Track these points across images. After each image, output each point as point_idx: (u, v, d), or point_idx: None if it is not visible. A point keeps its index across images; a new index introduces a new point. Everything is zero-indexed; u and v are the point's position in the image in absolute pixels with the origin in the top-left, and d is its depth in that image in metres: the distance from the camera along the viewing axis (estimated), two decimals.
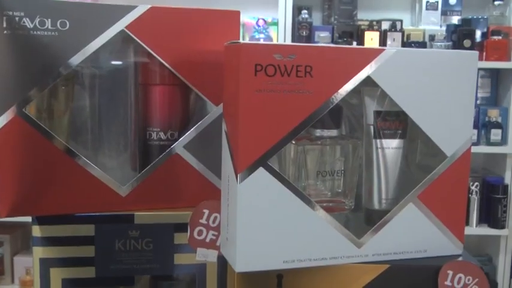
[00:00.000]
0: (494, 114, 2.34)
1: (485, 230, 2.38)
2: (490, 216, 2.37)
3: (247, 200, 0.61)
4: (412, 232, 0.68)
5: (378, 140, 0.69)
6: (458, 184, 0.70)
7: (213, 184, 0.74)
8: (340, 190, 0.70)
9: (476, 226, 2.36)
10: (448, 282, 0.67)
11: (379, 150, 0.69)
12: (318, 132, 0.67)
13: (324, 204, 0.67)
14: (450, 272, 0.67)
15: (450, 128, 0.68)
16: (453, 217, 0.70)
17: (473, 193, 2.33)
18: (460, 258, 0.70)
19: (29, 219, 0.71)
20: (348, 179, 0.69)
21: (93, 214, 0.70)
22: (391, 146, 0.69)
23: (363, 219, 0.72)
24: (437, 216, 0.69)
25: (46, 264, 0.70)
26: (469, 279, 0.67)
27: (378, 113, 0.69)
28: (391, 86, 0.65)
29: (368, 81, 0.65)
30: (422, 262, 0.69)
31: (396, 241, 0.68)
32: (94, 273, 0.71)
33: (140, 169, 0.73)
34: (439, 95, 0.67)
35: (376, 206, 0.70)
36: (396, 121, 0.69)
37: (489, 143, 2.32)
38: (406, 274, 0.67)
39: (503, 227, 2.36)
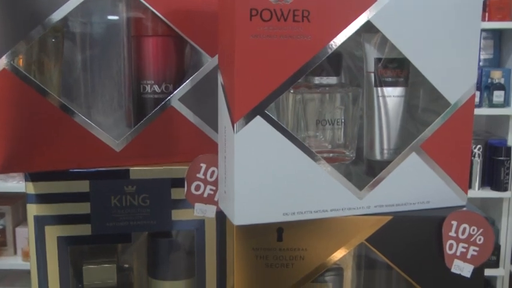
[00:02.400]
0: (497, 75, 2.30)
1: (488, 193, 2.37)
2: (492, 178, 2.36)
3: (245, 151, 0.60)
4: (415, 183, 0.67)
5: (379, 88, 0.67)
6: (462, 132, 0.68)
7: (209, 138, 0.72)
8: (340, 142, 0.68)
9: (478, 189, 2.35)
10: (452, 233, 0.65)
11: (381, 99, 0.67)
12: (317, 80, 0.65)
13: (325, 155, 0.65)
14: (454, 223, 0.65)
15: (453, 75, 0.66)
16: (457, 167, 0.68)
17: (476, 156, 2.31)
18: (465, 209, 0.68)
19: None
20: (349, 129, 0.67)
21: (88, 170, 0.69)
22: (392, 94, 0.67)
23: (364, 170, 0.70)
24: (441, 166, 0.67)
25: (41, 222, 0.69)
26: (473, 230, 0.66)
27: (378, 60, 0.66)
28: (392, 31, 0.63)
29: (368, 27, 0.62)
30: (425, 213, 0.67)
31: (399, 192, 0.66)
32: (90, 231, 0.70)
33: (135, 123, 0.71)
34: (442, 40, 0.64)
35: (378, 156, 0.68)
36: (398, 68, 0.67)
37: (492, 104, 2.30)
38: (409, 226, 0.66)
39: (506, 190, 2.35)
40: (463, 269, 0.66)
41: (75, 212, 0.69)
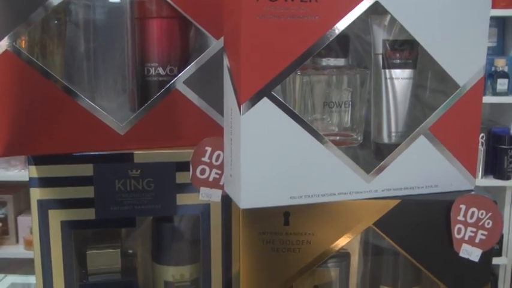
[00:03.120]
0: (501, 63, 2.29)
1: (491, 181, 2.36)
2: (495, 167, 2.35)
3: (252, 133, 0.59)
4: (423, 166, 0.66)
5: (387, 70, 0.66)
6: (471, 115, 0.67)
7: (215, 121, 0.71)
8: (348, 125, 0.67)
9: (482, 177, 2.34)
10: (460, 217, 0.64)
11: (388, 81, 0.66)
12: (324, 62, 0.64)
13: (332, 138, 0.64)
14: (463, 207, 0.64)
15: (463, 57, 0.65)
16: (465, 150, 0.67)
17: (479, 144, 2.30)
18: (473, 193, 0.67)
19: None
20: (356, 112, 0.66)
21: (91, 153, 0.68)
22: (400, 77, 0.66)
23: (372, 154, 0.70)
24: (449, 150, 0.66)
25: (44, 206, 0.68)
26: (482, 214, 0.65)
27: (386, 42, 0.65)
28: (401, 12, 0.62)
29: (376, 8, 0.61)
30: (433, 197, 0.66)
31: (407, 176, 0.65)
32: (94, 215, 0.69)
33: (139, 107, 0.70)
34: (451, 21, 0.63)
35: (386, 139, 0.68)
36: (406, 50, 0.66)
37: (495, 93, 2.28)
38: (417, 209, 0.65)
39: (508, 178, 2.34)
40: (471, 253, 0.65)
41: (78, 196, 0.68)
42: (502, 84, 2.27)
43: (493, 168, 2.36)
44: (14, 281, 1.13)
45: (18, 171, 2.45)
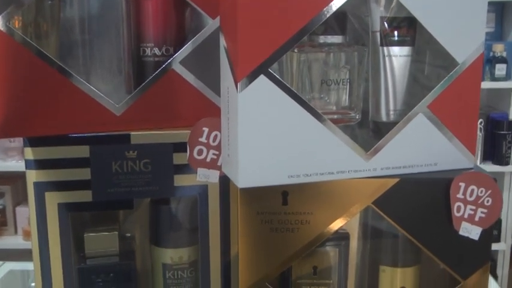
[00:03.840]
0: (499, 48, 2.28)
1: (490, 167, 2.36)
2: (494, 153, 2.35)
3: (249, 111, 0.58)
4: (422, 144, 0.65)
5: (385, 48, 0.65)
6: (470, 93, 0.66)
7: (211, 101, 0.70)
8: (345, 104, 0.66)
9: (480, 163, 2.34)
10: (460, 195, 0.64)
11: (386, 59, 0.65)
12: (322, 39, 0.63)
13: (330, 117, 0.63)
14: (462, 184, 0.64)
15: (461, 33, 0.64)
16: (464, 128, 0.67)
17: (477, 130, 2.30)
18: (473, 171, 0.67)
19: None
20: (354, 90, 0.66)
21: (87, 135, 0.67)
22: (399, 54, 0.66)
23: (370, 133, 0.69)
24: (448, 127, 0.66)
25: (41, 189, 0.67)
26: (481, 191, 0.64)
27: (384, 19, 0.65)
28: None
29: None
30: (433, 175, 0.66)
31: (405, 154, 0.65)
32: (91, 197, 0.68)
33: (135, 87, 0.69)
34: None
35: (384, 118, 0.67)
36: (404, 27, 0.65)
37: (494, 78, 2.28)
38: (416, 188, 0.64)
39: (507, 164, 2.34)
40: (471, 231, 0.65)
41: (75, 178, 0.68)
42: (500, 69, 2.27)
43: (492, 153, 2.36)
44: (13, 268, 1.13)
45: (16, 162, 2.45)
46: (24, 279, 1.15)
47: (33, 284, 1.10)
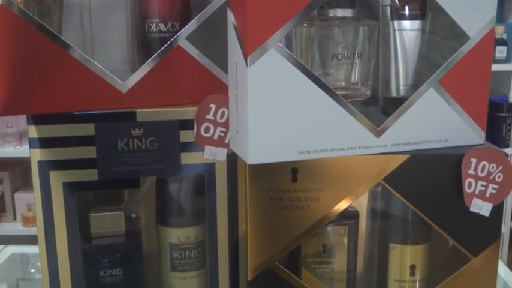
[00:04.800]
0: (499, 30, 2.27)
1: None
2: (494, 135, 2.35)
3: (258, 86, 0.57)
4: (432, 120, 0.64)
5: (396, 22, 0.64)
6: (481, 67, 0.65)
7: (218, 78, 0.69)
8: (355, 79, 0.65)
9: None
10: (471, 171, 0.63)
11: (397, 33, 0.64)
12: (331, 12, 0.62)
13: (339, 92, 0.62)
14: (473, 160, 0.63)
15: (472, 7, 0.63)
16: (475, 103, 0.66)
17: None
18: (484, 146, 0.66)
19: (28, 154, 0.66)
20: (364, 65, 0.64)
21: (92, 112, 0.66)
22: (409, 28, 0.64)
23: (380, 109, 0.68)
24: (459, 103, 0.65)
25: (45, 168, 0.66)
26: (493, 167, 0.64)
27: None
28: None
29: None
30: (444, 151, 0.65)
31: (416, 130, 0.64)
32: (96, 176, 0.67)
33: (140, 64, 0.68)
34: None
35: (394, 93, 0.66)
36: (415, 1, 0.64)
37: (494, 60, 2.27)
38: (427, 164, 0.63)
39: (507, 146, 2.34)
40: (482, 207, 0.64)
41: (80, 157, 0.66)
42: (500, 51, 2.26)
43: (492, 136, 2.35)
44: (15, 251, 1.12)
45: (13, 148, 2.43)
46: (24, 265, 1.15)
47: (33, 270, 1.10)
